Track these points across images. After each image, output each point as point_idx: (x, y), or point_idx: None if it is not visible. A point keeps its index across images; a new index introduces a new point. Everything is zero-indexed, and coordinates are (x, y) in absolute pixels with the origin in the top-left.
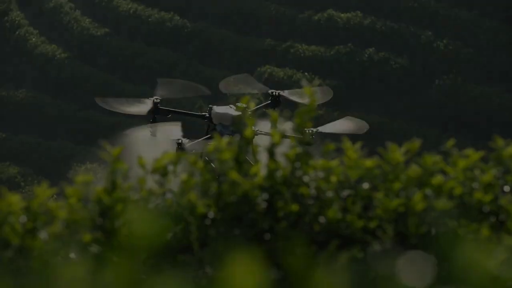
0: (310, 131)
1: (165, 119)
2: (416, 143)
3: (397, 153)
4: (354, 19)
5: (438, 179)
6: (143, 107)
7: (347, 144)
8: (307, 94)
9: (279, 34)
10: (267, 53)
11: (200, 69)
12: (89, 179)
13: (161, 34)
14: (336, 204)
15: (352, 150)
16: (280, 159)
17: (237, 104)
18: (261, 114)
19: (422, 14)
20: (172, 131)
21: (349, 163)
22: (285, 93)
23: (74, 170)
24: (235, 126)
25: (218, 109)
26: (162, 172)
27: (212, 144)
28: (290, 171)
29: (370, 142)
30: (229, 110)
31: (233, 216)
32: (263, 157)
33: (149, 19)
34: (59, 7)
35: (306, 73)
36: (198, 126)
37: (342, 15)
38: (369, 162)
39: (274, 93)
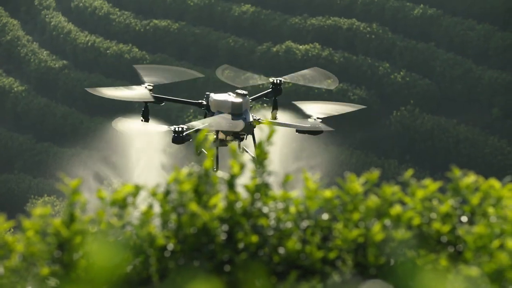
0: (316, 119)
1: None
2: (375, 173)
3: (356, 183)
4: (312, 50)
5: (396, 209)
6: (139, 93)
7: (306, 175)
8: (272, 117)
9: (238, 65)
10: (226, 84)
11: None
12: (46, 211)
13: (119, 66)
14: (295, 235)
15: (311, 181)
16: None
17: (236, 91)
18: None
19: (379, 46)
20: (159, 126)
21: (309, 193)
22: (287, 78)
23: (31, 203)
24: (234, 113)
25: (216, 96)
26: (121, 204)
27: (172, 176)
28: (250, 202)
29: (329, 172)
30: (228, 97)
31: (192, 247)
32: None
33: (107, 51)
34: (16, 40)
35: (265, 104)
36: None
37: (301, 47)
38: (328, 193)
39: (275, 81)
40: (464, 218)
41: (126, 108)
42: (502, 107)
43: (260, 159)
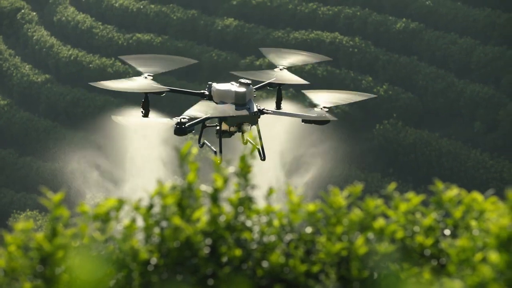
0: (322, 108)
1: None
2: (358, 187)
3: (339, 197)
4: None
5: (380, 222)
6: (142, 83)
7: (289, 188)
8: (249, 137)
9: (222, 80)
10: None
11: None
12: (29, 226)
13: (102, 80)
14: (279, 248)
15: (295, 194)
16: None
17: (239, 80)
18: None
19: (362, 60)
20: (160, 119)
21: (292, 207)
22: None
23: (13, 217)
24: (238, 103)
25: (219, 86)
26: (104, 218)
27: (155, 190)
28: (233, 216)
29: (313, 186)
30: (231, 86)
31: (176, 261)
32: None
33: (90, 65)
34: None
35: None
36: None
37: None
38: (311, 206)
39: (280, 69)
40: (447, 231)
41: (109, 120)
42: (484, 120)
43: (243, 173)
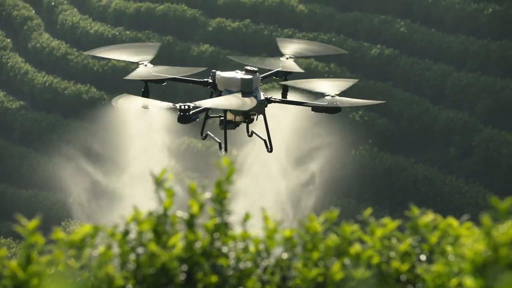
0: (334, 96)
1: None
2: (334, 212)
3: (315, 222)
4: (271, 89)
5: (356, 248)
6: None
7: (265, 214)
8: (225, 164)
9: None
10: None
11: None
12: (2, 253)
13: (77, 107)
14: (255, 274)
15: (271, 220)
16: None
17: (245, 68)
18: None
19: None
20: (159, 103)
21: (268, 233)
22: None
23: None
24: (244, 90)
25: (223, 74)
26: (78, 245)
27: (131, 216)
28: (209, 242)
29: (288, 211)
30: (237, 74)
31: None
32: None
33: (65, 92)
34: None
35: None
36: None
37: (265, 85)
38: (287, 232)
39: (287, 58)
40: (423, 257)
41: (85, 147)
42: (459, 146)
43: (219, 198)
